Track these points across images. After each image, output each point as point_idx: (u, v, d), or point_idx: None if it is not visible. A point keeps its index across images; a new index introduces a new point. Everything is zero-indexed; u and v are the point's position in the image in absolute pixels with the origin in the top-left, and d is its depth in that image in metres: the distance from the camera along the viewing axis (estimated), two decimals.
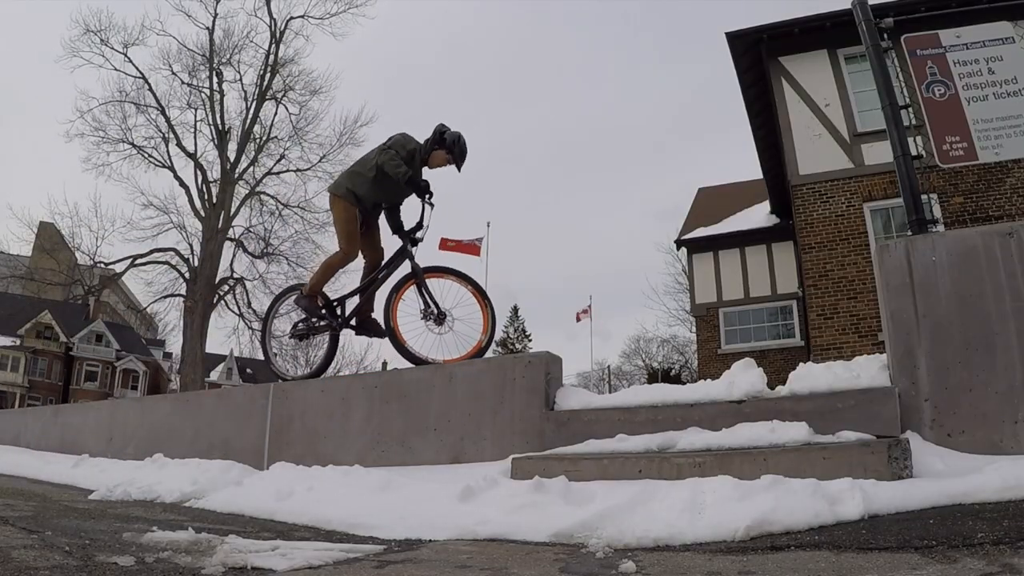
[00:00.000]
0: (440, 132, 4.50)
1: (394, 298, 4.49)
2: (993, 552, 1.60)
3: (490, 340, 4.43)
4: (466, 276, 4.61)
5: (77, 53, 23.28)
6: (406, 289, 4.53)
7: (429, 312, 4.44)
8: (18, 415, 9.29)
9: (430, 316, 4.44)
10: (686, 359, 37.25)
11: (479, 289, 4.55)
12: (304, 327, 4.95)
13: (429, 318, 4.44)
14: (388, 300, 4.49)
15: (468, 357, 4.34)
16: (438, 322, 4.45)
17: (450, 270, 4.63)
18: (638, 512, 2.32)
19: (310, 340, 5.14)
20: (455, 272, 4.63)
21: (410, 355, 4.47)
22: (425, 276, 4.52)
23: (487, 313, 4.45)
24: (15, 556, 1.78)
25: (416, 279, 4.51)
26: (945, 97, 3.92)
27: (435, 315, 4.44)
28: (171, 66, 23.90)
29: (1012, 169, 10.35)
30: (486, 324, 4.43)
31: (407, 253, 4.57)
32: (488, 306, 4.47)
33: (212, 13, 24.04)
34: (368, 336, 4.81)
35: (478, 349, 4.38)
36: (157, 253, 23.42)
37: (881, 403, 2.96)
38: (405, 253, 4.58)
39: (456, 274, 4.61)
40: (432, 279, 4.54)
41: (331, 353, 5.08)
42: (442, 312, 4.45)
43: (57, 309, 45.19)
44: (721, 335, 16.12)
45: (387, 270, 4.65)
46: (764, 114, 13.38)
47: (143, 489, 3.83)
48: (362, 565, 1.93)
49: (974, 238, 3.08)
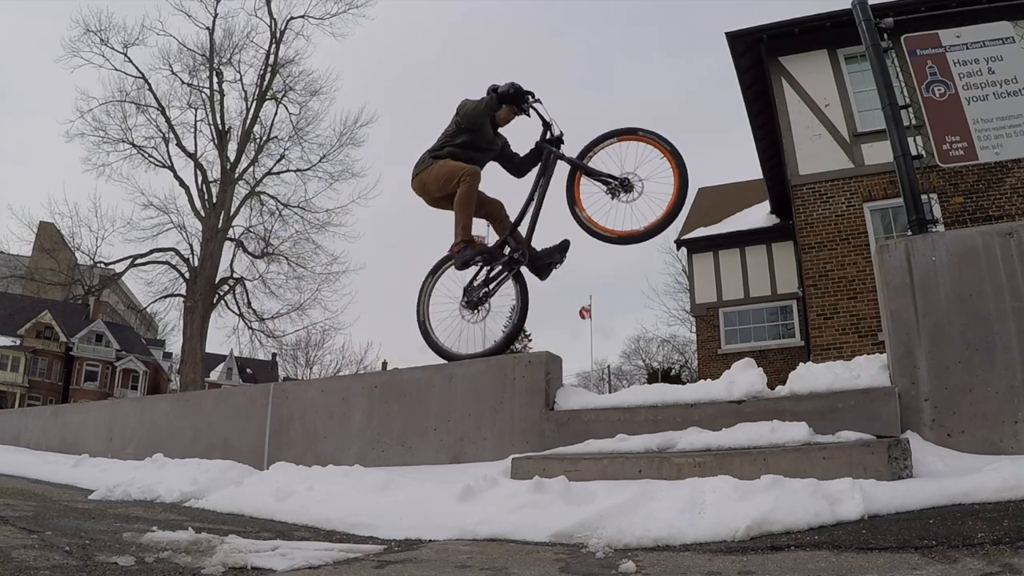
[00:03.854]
0: (493, 89, 4.27)
1: (574, 196, 4.13)
2: (993, 552, 1.60)
3: (681, 197, 3.88)
4: (629, 129, 4.06)
5: (77, 53, 23.33)
6: (578, 183, 4.14)
7: (613, 188, 4.01)
8: (18, 415, 9.29)
9: (615, 191, 4.01)
10: (686, 359, 37.28)
11: (653, 136, 4.00)
12: (479, 287, 4.29)
13: (616, 193, 4.01)
14: (571, 202, 4.13)
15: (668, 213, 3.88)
16: (626, 190, 3.99)
17: (608, 135, 4.13)
18: (638, 512, 2.32)
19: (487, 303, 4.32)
20: (615, 133, 4.11)
21: (609, 237, 4.05)
22: (585, 159, 4.12)
23: (671, 158, 3.91)
24: (15, 556, 1.78)
25: (580, 169, 4.13)
26: (945, 97, 3.92)
27: (618, 186, 3.99)
28: (171, 66, 23.96)
29: (1012, 169, 10.36)
30: (675, 173, 3.89)
31: (555, 154, 4.21)
32: (668, 147, 3.94)
33: (212, 13, 24.08)
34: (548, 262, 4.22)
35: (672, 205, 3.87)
36: (157, 253, 23.46)
37: (881, 403, 2.96)
38: (553, 155, 4.22)
39: (618, 134, 4.09)
40: (595, 155, 4.13)
41: (524, 299, 4.25)
42: (623, 179, 3.98)
43: (57, 309, 45.21)
44: (721, 335, 16.13)
45: (542, 181, 4.25)
46: (764, 114, 13.38)
47: (143, 489, 3.83)
48: (362, 565, 1.93)
49: (974, 238, 3.08)
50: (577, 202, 4.13)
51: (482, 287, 4.30)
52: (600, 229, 4.07)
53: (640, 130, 4.04)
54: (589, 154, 4.15)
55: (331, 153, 24.95)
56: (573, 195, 4.15)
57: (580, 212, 4.11)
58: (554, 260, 4.22)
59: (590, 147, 4.16)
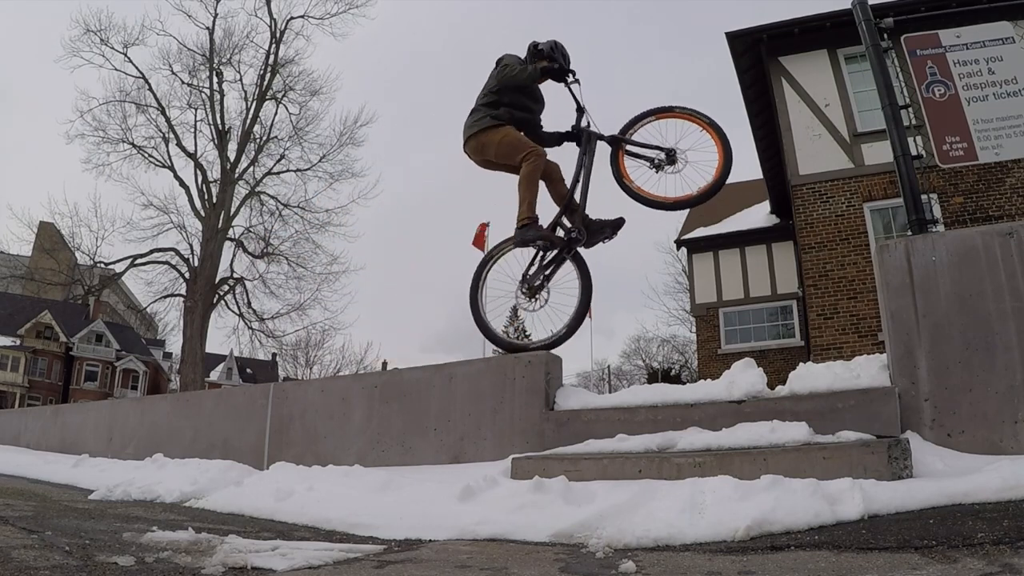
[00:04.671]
0: (534, 46, 4.26)
1: (620, 170, 4.13)
2: (993, 552, 1.60)
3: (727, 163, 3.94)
4: (666, 107, 4.13)
5: (77, 53, 23.33)
6: (622, 159, 4.15)
7: (657, 162, 4.04)
8: (18, 415, 9.29)
9: (659, 164, 4.04)
10: (686, 359, 37.28)
11: (690, 112, 4.06)
12: (537, 272, 4.18)
13: (660, 166, 4.04)
14: (617, 176, 4.13)
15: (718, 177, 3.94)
16: (671, 162, 4.03)
17: (645, 114, 4.18)
18: (638, 512, 2.32)
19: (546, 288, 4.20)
20: (652, 112, 4.17)
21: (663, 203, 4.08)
22: (629, 133, 4.14)
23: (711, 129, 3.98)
24: (15, 556, 1.78)
25: (621, 143, 4.15)
26: (945, 97, 3.92)
27: (663, 159, 4.03)
28: (171, 66, 23.95)
29: (1012, 169, 10.36)
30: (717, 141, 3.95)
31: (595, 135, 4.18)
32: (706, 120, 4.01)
33: (212, 13, 24.08)
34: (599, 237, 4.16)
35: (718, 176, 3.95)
36: (157, 253, 23.46)
37: (881, 403, 2.96)
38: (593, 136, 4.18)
39: (655, 112, 4.15)
40: (635, 134, 4.15)
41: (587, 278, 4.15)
42: (669, 150, 4.03)
43: (57, 309, 45.21)
44: (721, 335, 16.13)
45: (586, 158, 4.19)
46: (764, 114, 13.38)
47: (143, 489, 3.83)
48: (362, 565, 1.93)
49: (974, 238, 3.08)
50: (624, 175, 4.14)
51: (540, 273, 4.19)
52: (651, 196, 4.09)
53: (676, 107, 4.11)
54: (629, 132, 4.17)
55: (331, 153, 24.99)
56: (619, 169, 4.15)
57: (629, 183, 4.12)
58: (604, 235, 4.15)
59: (628, 126, 4.19)
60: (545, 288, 4.18)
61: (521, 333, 27.23)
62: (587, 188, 4.19)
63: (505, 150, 4.14)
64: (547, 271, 4.19)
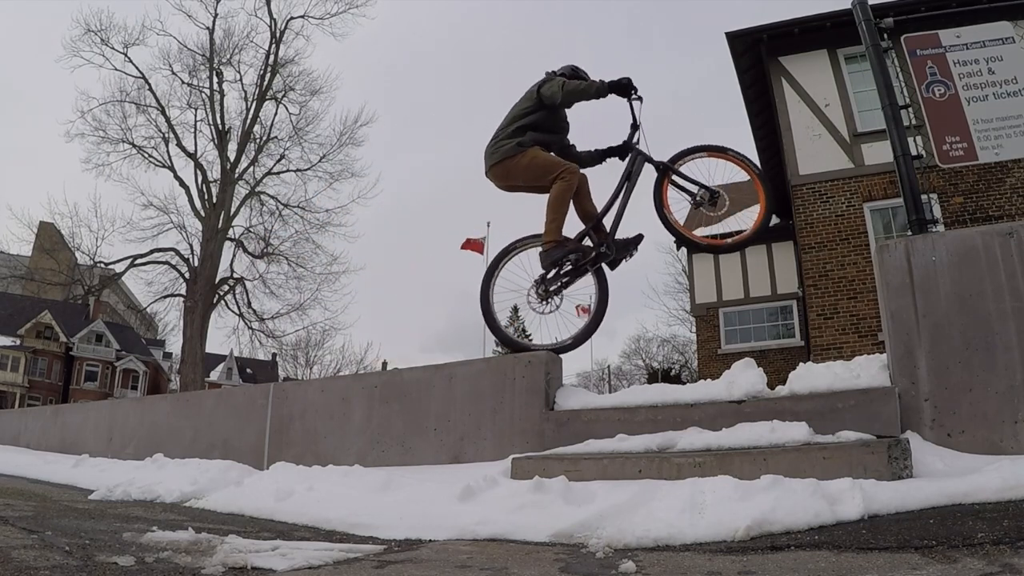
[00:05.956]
0: (573, 69, 4.31)
1: (663, 199, 4.13)
2: (993, 552, 1.60)
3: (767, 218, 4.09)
4: (720, 147, 4.15)
5: (78, 53, 23.31)
6: (666, 188, 4.14)
7: (699, 199, 4.07)
8: (18, 415, 9.30)
9: (700, 201, 4.07)
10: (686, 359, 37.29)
11: (741, 158, 4.09)
12: (554, 278, 4.11)
13: (700, 204, 4.07)
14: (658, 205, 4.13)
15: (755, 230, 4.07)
16: (712, 203, 4.06)
17: (698, 148, 4.18)
18: (638, 512, 2.32)
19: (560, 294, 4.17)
20: (705, 148, 4.17)
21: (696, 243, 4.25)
22: (678, 164, 4.13)
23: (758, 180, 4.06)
24: (15, 556, 1.78)
25: (669, 171, 4.13)
26: (945, 97, 3.92)
27: (706, 197, 4.06)
28: (171, 66, 23.94)
29: (1012, 169, 10.36)
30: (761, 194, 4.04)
31: (644, 156, 4.15)
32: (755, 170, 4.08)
33: (212, 13, 24.05)
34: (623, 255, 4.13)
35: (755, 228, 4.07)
36: (157, 253, 23.45)
37: (881, 403, 2.96)
38: (641, 156, 4.15)
39: (708, 149, 4.17)
40: (683, 165, 4.15)
41: (604, 291, 4.16)
42: (713, 191, 4.06)
43: (57, 309, 45.20)
44: (721, 335, 16.12)
45: (628, 181, 4.15)
46: (764, 114, 13.38)
47: (143, 489, 3.84)
48: (362, 565, 1.93)
49: (974, 238, 3.08)
50: (665, 204, 4.13)
51: (558, 278, 4.14)
52: (687, 233, 4.18)
53: (730, 150, 4.14)
54: (678, 163, 4.15)
55: (331, 153, 24.97)
56: (662, 198, 4.13)
57: (668, 215, 4.13)
58: (629, 253, 4.15)
59: (679, 156, 4.17)
60: (560, 295, 4.15)
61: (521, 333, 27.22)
62: (624, 208, 4.15)
63: (535, 172, 4.08)
64: (565, 278, 4.14)
